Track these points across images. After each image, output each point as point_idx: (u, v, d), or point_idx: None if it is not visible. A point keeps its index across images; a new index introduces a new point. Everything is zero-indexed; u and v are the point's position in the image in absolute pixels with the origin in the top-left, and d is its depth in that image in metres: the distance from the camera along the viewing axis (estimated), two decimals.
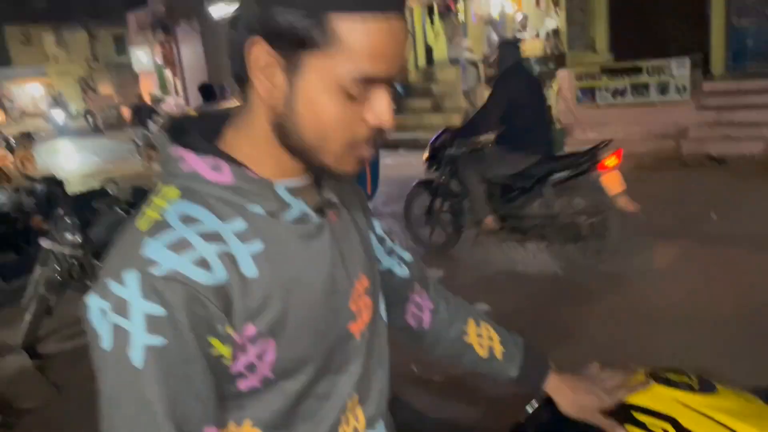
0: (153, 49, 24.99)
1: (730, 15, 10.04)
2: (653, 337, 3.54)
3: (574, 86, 10.00)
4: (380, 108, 0.76)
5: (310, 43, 0.71)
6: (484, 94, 11.54)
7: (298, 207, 0.81)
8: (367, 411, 0.93)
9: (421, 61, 14.35)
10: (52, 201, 4.65)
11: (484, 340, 1.16)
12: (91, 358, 0.73)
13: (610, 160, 4.52)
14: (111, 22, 34.62)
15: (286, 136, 0.77)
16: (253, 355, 0.78)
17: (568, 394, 1.13)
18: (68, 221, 4.06)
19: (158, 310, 0.70)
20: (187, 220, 0.75)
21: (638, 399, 1.08)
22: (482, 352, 1.16)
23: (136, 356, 0.69)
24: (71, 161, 16.71)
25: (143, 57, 25.47)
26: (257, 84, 0.75)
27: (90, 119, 27.18)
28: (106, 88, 30.76)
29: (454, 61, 13.26)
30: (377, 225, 1.12)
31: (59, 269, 4.08)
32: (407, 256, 1.17)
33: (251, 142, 0.80)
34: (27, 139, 15.44)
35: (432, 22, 13.92)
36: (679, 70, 9.14)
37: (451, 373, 3.41)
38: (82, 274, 4.29)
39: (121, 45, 37.08)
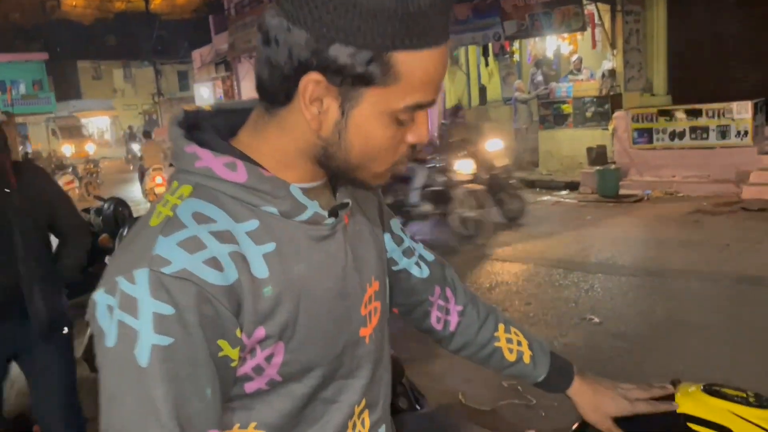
0: (214, 84, 25.91)
1: None
2: None
3: (630, 127, 9.90)
4: (421, 128, 0.79)
5: (369, 79, 0.71)
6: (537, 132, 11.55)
7: (312, 208, 0.80)
8: (372, 416, 0.94)
9: (475, 100, 14.46)
10: (119, 220, 4.86)
11: (513, 345, 1.17)
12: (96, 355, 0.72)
13: None
14: (176, 59, 36.17)
15: (328, 157, 0.78)
16: (261, 357, 0.77)
17: (588, 396, 1.15)
18: None
19: (167, 309, 0.68)
20: (200, 218, 0.74)
21: (693, 410, 1.08)
22: (511, 357, 1.16)
23: (142, 355, 0.68)
24: (136, 188, 17.35)
25: (205, 92, 26.40)
26: (306, 112, 0.74)
27: None
28: (168, 121, 31.88)
29: (507, 101, 13.32)
30: (395, 224, 1.10)
31: None
32: (429, 256, 1.16)
33: (274, 148, 0.79)
34: (92, 166, 16.18)
35: (486, 63, 14.07)
36: (741, 113, 8.96)
37: (498, 405, 3.38)
38: None
39: (184, 80, 38.64)
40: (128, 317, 0.69)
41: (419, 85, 0.73)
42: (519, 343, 1.17)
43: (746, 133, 8.96)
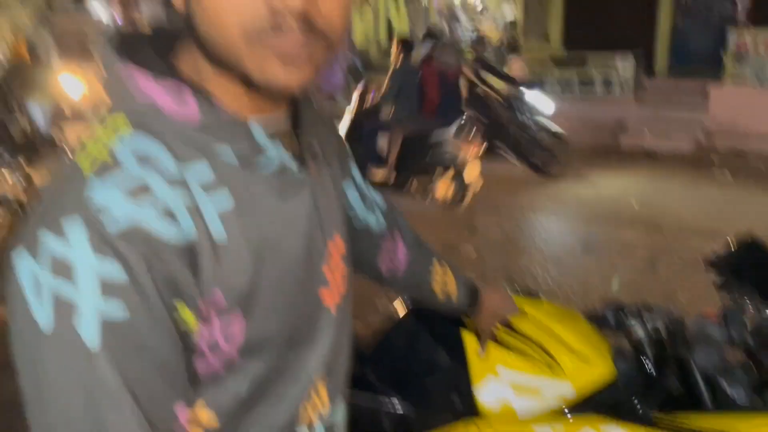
0: (110, 3, 24.36)
1: (676, 16, 10.57)
2: None
3: (526, 75, 10.44)
4: None
5: None
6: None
7: (275, 153, 0.67)
8: (331, 389, 0.81)
9: (383, 39, 14.62)
10: None
11: (447, 287, 1.21)
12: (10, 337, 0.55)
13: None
14: None
15: (201, 44, 0.63)
16: (218, 330, 0.63)
17: (489, 311, 1.30)
18: None
19: (117, 272, 0.54)
20: (145, 159, 0.59)
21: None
22: (441, 297, 1.21)
23: (91, 335, 0.53)
24: None
25: (101, 10, 24.77)
26: None
27: None
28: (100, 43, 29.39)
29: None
30: (358, 174, 0.99)
31: None
32: (379, 199, 1.07)
33: (198, 65, 0.65)
34: None
35: (397, 6, 14.23)
36: (623, 64, 9.67)
37: None
38: None
39: None
40: (65, 287, 0.53)
41: None
42: (446, 283, 1.20)
43: (627, 83, 9.66)
